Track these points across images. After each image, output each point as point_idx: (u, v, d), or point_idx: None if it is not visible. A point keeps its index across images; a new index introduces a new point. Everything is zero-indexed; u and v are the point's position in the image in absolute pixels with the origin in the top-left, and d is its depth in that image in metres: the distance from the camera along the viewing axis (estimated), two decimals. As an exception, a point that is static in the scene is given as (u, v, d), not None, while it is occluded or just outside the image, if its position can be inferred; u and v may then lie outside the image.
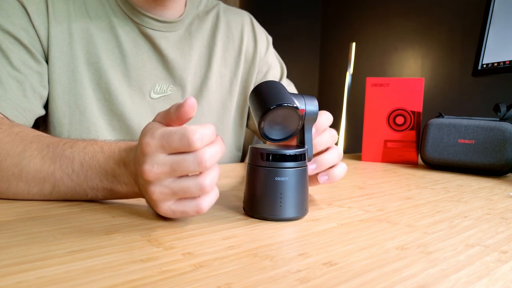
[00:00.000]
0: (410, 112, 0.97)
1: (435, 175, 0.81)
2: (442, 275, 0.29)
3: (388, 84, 0.99)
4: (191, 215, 0.38)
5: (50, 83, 0.65)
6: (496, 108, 0.87)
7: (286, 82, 0.96)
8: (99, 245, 0.33)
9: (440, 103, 2.16)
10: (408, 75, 2.39)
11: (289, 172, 0.41)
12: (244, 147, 0.96)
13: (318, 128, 0.46)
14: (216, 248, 0.33)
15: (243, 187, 0.60)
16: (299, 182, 0.42)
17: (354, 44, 2.72)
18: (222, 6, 0.88)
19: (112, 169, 0.43)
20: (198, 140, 0.35)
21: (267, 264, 0.30)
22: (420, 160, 1.04)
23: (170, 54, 0.75)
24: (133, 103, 0.72)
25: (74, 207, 0.44)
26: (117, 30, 0.70)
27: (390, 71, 2.51)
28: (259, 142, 1.07)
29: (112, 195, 0.45)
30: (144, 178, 0.37)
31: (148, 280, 0.26)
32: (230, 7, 0.90)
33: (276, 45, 0.97)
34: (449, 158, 0.87)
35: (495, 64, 0.98)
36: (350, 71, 2.74)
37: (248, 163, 0.44)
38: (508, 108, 0.86)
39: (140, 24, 0.71)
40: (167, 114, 0.39)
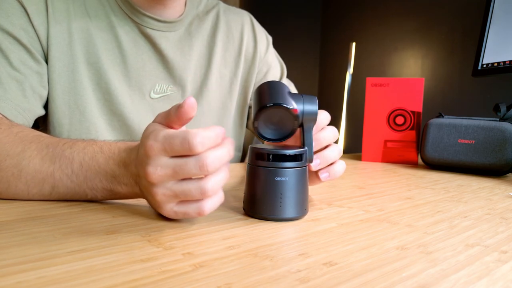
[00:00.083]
0: (410, 112, 0.97)
1: (435, 175, 0.81)
2: (442, 275, 0.29)
3: (388, 84, 0.99)
4: (192, 216, 0.38)
5: (50, 83, 0.65)
6: (496, 108, 0.87)
7: (286, 82, 0.96)
8: (99, 245, 0.33)
9: (440, 103, 2.16)
10: (408, 75, 2.39)
11: (289, 172, 0.41)
12: (244, 147, 0.96)
13: (317, 126, 0.47)
14: (216, 248, 0.33)
15: (243, 187, 0.60)
16: (299, 182, 0.42)
17: (354, 44, 2.72)
18: (222, 6, 0.88)
19: (111, 169, 0.43)
20: (199, 144, 0.35)
21: (267, 264, 0.30)
22: (420, 160, 1.04)
23: (170, 54, 0.75)
24: (133, 103, 0.72)
25: (74, 207, 0.44)
26: (117, 30, 0.70)
27: (390, 71, 2.51)
28: (259, 142, 1.07)
29: (112, 196, 0.45)
30: (148, 180, 0.37)
31: (148, 280, 0.26)
32: (230, 7, 0.90)
33: (276, 45, 0.97)
34: (449, 158, 0.87)
35: (495, 64, 0.98)
36: (350, 71, 2.74)
37: (248, 163, 0.44)
38: (508, 108, 0.86)
39: (140, 24, 0.71)
40: (168, 115, 0.39)
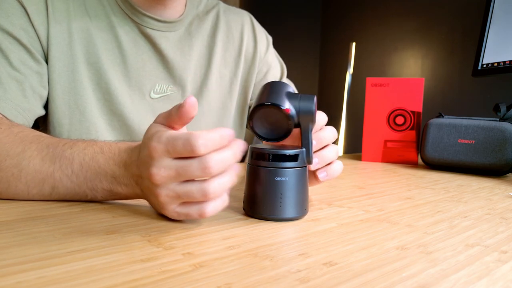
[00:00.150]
0: (410, 112, 0.97)
1: (435, 175, 0.81)
2: (442, 275, 0.29)
3: (388, 84, 0.99)
4: (194, 218, 0.38)
5: (50, 83, 0.65)
6: (496, 108, 0.87)
7: (286, 82, 0.96)
8: (99, 245, 0.33)
9: (440, 103, 2.16)
10: (408, 75, 2.39)
11: (289, 172, 0.41)
12: (244, 147, 0.96)
13: (315, 126, 0.47)
14: (216, 248, 0.33)
15: (243, 187, 0.60)
16: (299, 182, 0.42)
17: (354, 44, 2.72)
18: (222, 6, 0.88)
19: (112, 170, 0.43)
20: (201, 146, 0.35)
21: (267, 264, 0.30)
22: (420, 160, 1.04)
23: (170, 54, 0.75)
24: (133, 103, 0.72)
25: (74, 207, 0.44)
26: (117, 30, 0.70)
27: (390, 71, 2.51)
28: (259, 142, 1.07)
29: (112, 196, 0.45)
30: (151, 181, 0.37)
31: (148, 280, 0.26)
32: (230, 7, 0.90)
33: (276, 45, 0.97)
34: (449, 158, 0.87)
35: (495, 64, 0.98)
36: (350, 71, 2.75)
37: (248, 163, 0.44)
38: (508, 108, 0.86)
39: (140, 24, 0.71)
40: (169, 116, 0.39)
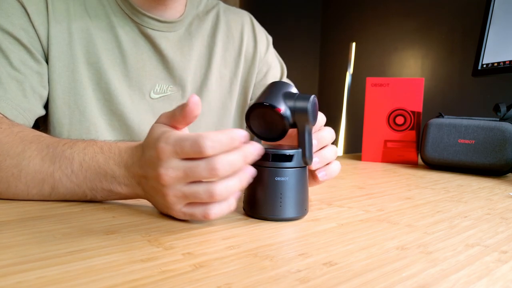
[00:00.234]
0: (410, 112, 0.97)
1: (435, 175, 0.81)
2: (442, 275, 0.29)
3: (388, 84, 0.99)
4: (198, 219, 0.39)
5: (50, 83, 0.65)
6: (496, 108, 0.87)
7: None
8: (99, 245, 0.33)
9: (440, 103, 2.16)
10: (408, 75, 2.39)
11: (289, 172, 0.41)
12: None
13: (315, 127, 0.46)
14: (216, 248, 0.33)
15: (243, 187, 0.60)
16: (299, 182, 0.42)
17: (354, 44, 2.72)
18: (222, 6, 0.88)
19: (112, 170, 0.43)
20: (209, 147, 0.35)
21: (267, 264, 0.30)
22: (420, 160, 1.04)
23: (170, 54, 0.75)
24: (133, 103, 0.72)
25: (74, 207, 0.44)
26: (117, 30, 0.70)
27: (390, 71, 2.51)
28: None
29: (111, 196, 0.45)
30: (159, 181, 0.37)
31: (148, 280, 0.26)
32: (230, 7, 0.90)
33: (276, 45, 0.97)
34: (449, 158, 0.87)
35: (495, 64, 0.98)
36: (350, 71, 2.75)
37: (248, 163, 0.44)
38: (508, 108, 0.86)
39: (140, 24, 0.71)
40: (173, 116, 0.40)
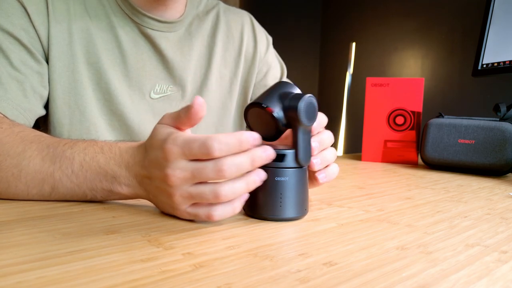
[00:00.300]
0: (410, 112, 0.97)
1: (435, 175, 0.81)
2: (442, 275, 0.29)
3: (388, 84, 0.99)
4: (202, 219, 0.39)
5: (50, 83, 0.65)
6: (496, 108, 0.87)
7: (285, 82, 0.95)
8: (99, 245, 0.33)
9: (440, 103, 2.16)
10: (408, 75, 2.39)
11: (289, 172, 0.41)
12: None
13: (315, 128, 0.46)
14: (216, 248, 0.33)
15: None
16: (299, 182, 0.42)
17: (354, 44, 2.72)
18: (222, 6, 0.88)
19: (112, 170, 0.43)
20: (216, 149, 0.36)
21: (267, 264, 0.30)
22: (420, 160, 1.04)
23: (170, 54, 0.75)
24: (133, 103, 0.72)
25: (74, 207, 0.44)
26: (117, 30, 0.70)
27: (390, 71, 2.51)
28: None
29: (111, 196, 0.45)
30: (166, 182, 0.38)
31: (148, 280, 0.27)
32: (230, 7, 0.90)
33: (276, 45, 0.97)
34: (449, 158, 0.87)
35: (495, 64, 0.98)
36: (350, 71, 2.75)
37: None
38: (508, 108, 0.86)
39: (140, 24, 0.71)
40: (177, 117, 0.40)
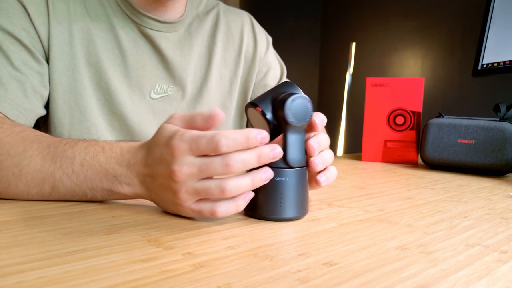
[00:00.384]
0: (410, 112, 0.97)
1: (435, 175, 0.81)
2: (442, 275, 0.29)
3: (388, 84, 0.99)
4: (206, 216, 0.39)
5: (51, 83, 0.65)
6: (496, 108, 0.87)
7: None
8: (99, 245, 0.33)
9: (440, 103, 2.16)
10: (408, 75, 2.39)
11: (289, 172, 0.41)
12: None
13: (314, 129, 0.46)
14: (216, 248, 0.33)
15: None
16: (299, 182, 0.42)
17: (354, 44, 2.72)
18: (222, 6, 0.88)
19: (113, 169, 0.43)
20: (224, 145, 0.36)
21: (267, 264, 0.30)
22: (420, 160, 1.04)
23: (170, 54, 0.75)
24: (133, 103, 0.72)
25: (74, 207, 0.44)
26: (117, 30, 0.70)
27: (390, 71, 2.51)
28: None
29: (111, 196, 0.45)
30: (172, 178, 0.38)
31: (148, 280, 0.27)
32: (230, 7, 0.90)
33: (276, 45, 0.97)
34: (449, 158, 0.87)
35: (495, 64, 0.98)
36: (350, 71, 2.75)
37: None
38: (508, 108, 0.86)
39: (140, 25, 0.71)
40: (191, 120, 0.40)
